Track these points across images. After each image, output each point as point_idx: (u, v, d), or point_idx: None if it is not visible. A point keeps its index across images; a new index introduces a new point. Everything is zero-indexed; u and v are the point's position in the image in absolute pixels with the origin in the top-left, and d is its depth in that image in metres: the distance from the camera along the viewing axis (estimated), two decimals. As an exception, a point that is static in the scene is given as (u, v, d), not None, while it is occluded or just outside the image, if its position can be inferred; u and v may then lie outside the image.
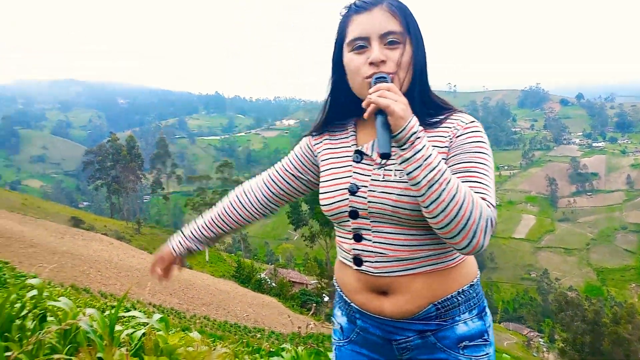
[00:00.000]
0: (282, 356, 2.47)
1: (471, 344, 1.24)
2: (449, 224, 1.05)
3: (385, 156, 1.06)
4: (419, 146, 1.05)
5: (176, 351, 1.71)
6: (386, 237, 1.23)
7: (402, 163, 1.07)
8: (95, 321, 2.04)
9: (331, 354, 2.70)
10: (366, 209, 1.24)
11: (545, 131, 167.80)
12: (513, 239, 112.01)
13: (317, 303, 34.39)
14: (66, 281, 19.20)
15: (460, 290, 1.24)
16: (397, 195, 1.19)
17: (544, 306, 71.74)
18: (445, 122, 1.24)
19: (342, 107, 1.38)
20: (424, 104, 1.26)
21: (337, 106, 1.38)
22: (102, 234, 43.22)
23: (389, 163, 1.23)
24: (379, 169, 1.24)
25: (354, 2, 1.26)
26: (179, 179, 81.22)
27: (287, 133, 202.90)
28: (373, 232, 1.25)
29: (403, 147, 1.06)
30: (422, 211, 1.09)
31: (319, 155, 1.43)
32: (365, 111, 1.09)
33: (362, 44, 1.21)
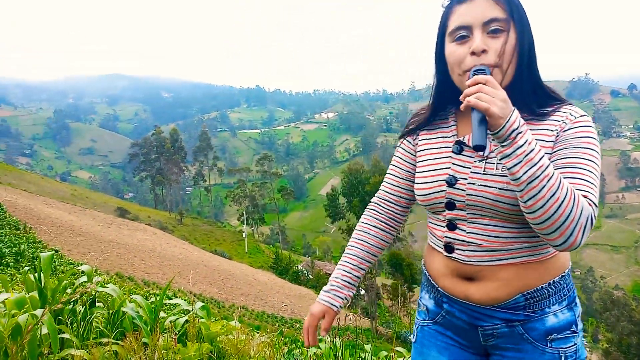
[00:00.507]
0: (319, 347, 2.50)
1: (559, 336, 1.22)
2: (546, 220, 1.04)
3: (479, 148, 1.04)
4: (520, 142, 1.02)
5: (217, 338, 1.76)
6: (481, 228, 1.22)
7: (502, 159, 1.05)
8: (140, 308, 2.12)
9: (368, 346, 2.71)
10: (464, 202, 1.23)
11: (594, 124, 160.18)
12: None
13: (353, 296, 34.38)
14: (112, 269, 19.97)
15: (551, 282, 1.22)
16: (499, 189, 1.17)
17: (588, 305, 69.16)
18: (554, 114, 1.20)
19: (445, 99, 1.35)
20: (534, 94, 1.22)
21: (442, 99, 1.35)
22: (146, 224, 44.58)
23: (491, 156, 1.21)
24: (480, 162, 1.22)
25: None
26: (220, 172, 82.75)
27: (325, 126, 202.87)
28: (468, 222, 1.24)
29: (503, 144, 1.04)
30: (520, 206, 1.08)
31: (417, 146, 1.42)
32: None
33: (464, 33, 1.19)
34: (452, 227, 1.27)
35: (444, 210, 1.27)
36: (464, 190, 1.22)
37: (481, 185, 1.19)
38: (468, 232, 1.24)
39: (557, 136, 1.17)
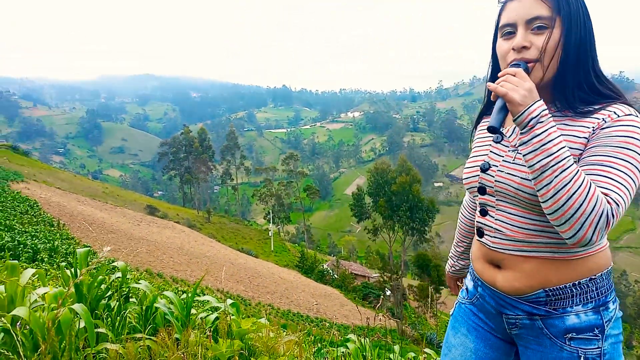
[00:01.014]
0: (347, 347, 2.50)
1: (579, 336, 1.22)
2: (556, 210, 1.07)
3: (492, 130, 1.14)
4: (538, 131, 1.08)
5: (247, 335, 1.78)
6: (507, 216, 1.28)
7: (519, 146, 1.12)
8: (172, 304, 2.17)
9: (396, 346, 2.70)
10: (493, 187, 1.30)
11: None
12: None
13: (378, 297, 34.24)
14: (142, 266, 20.37)
15: (576, 282, 1.22)
16: (521, 177, 1.22)
17: (621, 310, 67.04)
18: (598, 112, 1.19)
19: None
20: (579, 90, 1.23)
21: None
22: (174, 222, 45.33)
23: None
24: (512, 151, 1.28)
25: None
26: (247, 170, 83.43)
27: (351, 125, 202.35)
28: (497, 209, 1.31)
29: (522, 131, 1.11)
30: (537, 194, 1.12)
31: (473, 141, 1.52)
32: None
33: (510, 30, 1.26)
34: (483, 212, 1.35)
35: (477, 195, 1.36)
36: (493, 177, 1.29)
37: (508, 173, 1.25)
38: (495, 219, 1.31)
39: (593, 133, 1.17)
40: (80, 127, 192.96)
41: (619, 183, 1.08)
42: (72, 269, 2.25)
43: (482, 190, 1.33)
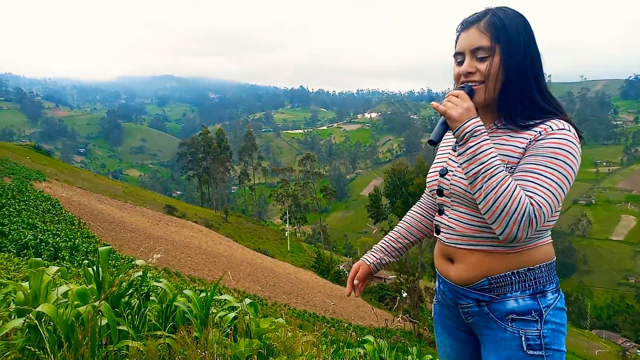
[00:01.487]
0: (364, 348, 2.50)
1: (519, 317, 1.37)
2: (487, 211, 1.27)
3: (431, 143, 1.38)
4: (471, 143, 1.29)
5: (266, 335, 1.80)
6: (458, 214, 1.46)
7: (457, 156, 1.33)
8: (191, 302, 2.19)
9: (413, 348, 2.69)
10: (448, 190, 1.48)
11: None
12: (610, 240, 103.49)
13: (394, 298, 34.07)
14: (160, 265, 20.58)
15: (515, 272, 1.38)
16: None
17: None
18: (537, 126, 1.37)
19: None
20: (521, 107, 1.41)
21: None
22: (192, 222, 45.77)
23: None
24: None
25: (462, 21, 1.49)
26: (264, 171, 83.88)
27: (368, 126, 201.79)
28: (451, 209, 1.49)
29: (459, 144, 1.32)
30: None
31: (437, 150, 1.69)
32: None
33: (460, 58, 1.46)
34: (440, 212, 1.53)
35: (436, 196, 1.54)
36: (449, 180, 1.48)
37: (460, 177, 1.43)
38: (449, 217, 1.49)
39: (529, 144, 1.35)
40: (101, 127, 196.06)
41: (544, 187, 1.27)
42: (94, 267, 2.29)
43: (440, 192, 1.52)
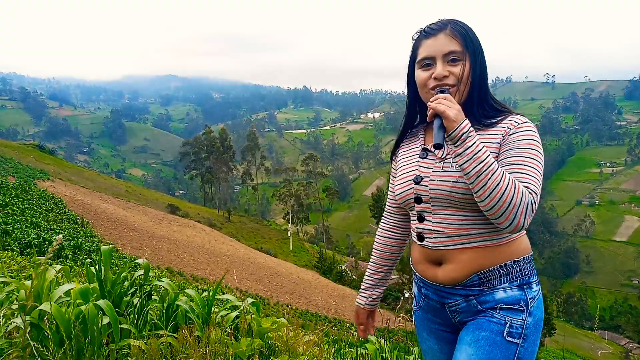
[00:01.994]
0: (365, 348, 2.49)
1: (506, 306, 1.42)
2: (493, 206, 1.29)
3: (438, 147, 1.35)
4: (469, 143, 1.31)
5: (268, 334, 1.79)
6: (443, 217, 1.48)
7: (455, 157, 1.34)
8: (193, 302, 2.19)
9: (415, 348, 2.68)
10: (428, 195, 1.49)
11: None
12: (613, 241, 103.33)
13: (396, 298, 34.04)
14: (163, 264, 20.65)
15: (502, 264, 1.43)
16: (452, 182, 1.43)
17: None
18: (501, 122, 1.47)
19: (416, 115, 1.69)
20: (482, 108, 1.51)
21: (413, 114, 1.69)
22: (195, 221, 45.82)
23: (447, 157, 1.48)
24: (439, 162, 1.50)
25: (424, 29, 1.54)
26: (267, 171, 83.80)
27: (371, 126, 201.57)
28: (433, 214, 1.50)
29: (456, 144, 1.32)
30: (474, 196, 1.33)
31: (396, 162, 1.71)
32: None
33: (429, 62, 1.50)
34: (421, 219, 1.53)
35: (414, 205, 1.54)
36: (427, 186, 1.49)
37: (439, 180, 1.46)
38: (433, 222, 1.50)
39: (503, 139, 1.43)
40: (105, 126, 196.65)
41: (532, 176, 1.35)
42: (97, 266, 2.29)
43: (418, 200, 1.52)
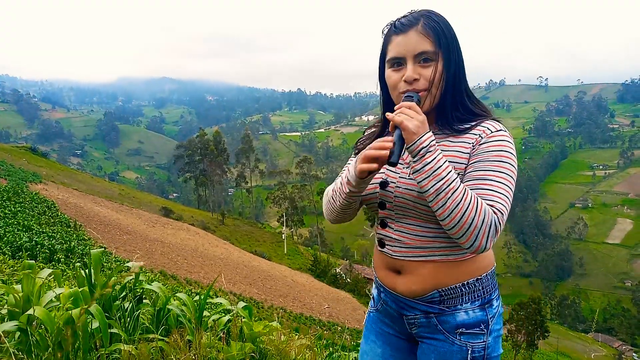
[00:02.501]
0: (358, 351, 2.48)
1: (468, 331, 1.37)
2: (453, 227, 1.21)
3: (392, 164, 1.22)
4: (428, 159, 1.21)
5: (259, 338, 1.78)
6: (406, 226, 1.40)
7: (413, 173, 1.24)
8: (185, 306, 2.18)
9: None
10: (392, 202, 1.41)
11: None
12: (606, 244, 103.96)
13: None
14: (156, 267, 20.54)
15: (465, 283, 1.37)
16: (418, 192, 1.33)
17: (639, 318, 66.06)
18: (474, 129, 1.36)
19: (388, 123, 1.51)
20: (456, 111, 1.39)
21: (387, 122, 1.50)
22: (189, 224, 45.64)
23: None
24: (407, 168, 1.40)
25: (394, 23, 1.40)
26: (261, 174, 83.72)
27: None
28: (396, 221, 1.42)
29: (414, 159, 1.23)
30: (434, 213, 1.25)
31: None
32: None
33: (399, 62, 1.37)
34: (383, 225, 1.46)
35: (378, 210, 1.46)
36: (392, 192, 1.41)
37: (405, 188, 1.37)
38: (395, 230, 1.42)
39: (473, 149, 1.33)
40: (98, 129, 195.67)
41: (500, 193, 1.24)
42: (87, 270, 2.27)
43: (382, 205, 1.44)
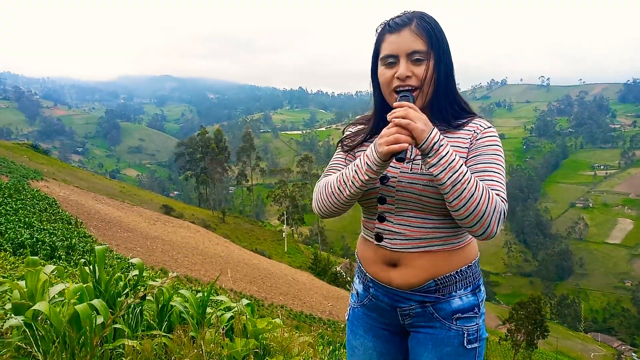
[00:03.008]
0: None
1: (463, 316, 1.44)
2: (468, 216, 1.26)
3: (400, 160, 1.27)
4: (442, 153, 1.26)
5: (263, 334, 1.79)
6: (406, 219, 1.44)
7: (429, 168, 1.29)
8: (188, 302, 2.19)
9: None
10: (393, 197, 1.45)
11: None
12: (606, 244, 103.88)
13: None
14: (157, 265, 20.56)
15: (458, 270, 1.44)
16: (423, 185, 1.39)
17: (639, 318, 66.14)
18: (467, 125, 1.46)
19: (383, 110, 1.53)
20: (450, 108, 1.48)
21: (382, 110, 1.54)
22: (189, 222, 45.68)
23: (416, 158, 1.43)
24: (407, 163, 1.44)
25: (388, 23, 1.46)
26: (262, 172, 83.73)
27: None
28: (396, 215, 1.46)
29: (429, 155, 1.27)
30: (447, 205, 1.30)
31: (357, 155, 1.59)
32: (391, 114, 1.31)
33: (392, 60, 1.43)
34: (381, 219, 1.48)
35: (376, 205, 1.48)
36: (394, 187, 1.44)
37: (408, 182, 1.42)
38: (395, 223, 1.46)
39: (471, 144, 1.42)
40: (99, 127, 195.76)
41: (500, 183, 1.34)
42: (91, 266, 2.28)
43: (382, 200, 1.47)
